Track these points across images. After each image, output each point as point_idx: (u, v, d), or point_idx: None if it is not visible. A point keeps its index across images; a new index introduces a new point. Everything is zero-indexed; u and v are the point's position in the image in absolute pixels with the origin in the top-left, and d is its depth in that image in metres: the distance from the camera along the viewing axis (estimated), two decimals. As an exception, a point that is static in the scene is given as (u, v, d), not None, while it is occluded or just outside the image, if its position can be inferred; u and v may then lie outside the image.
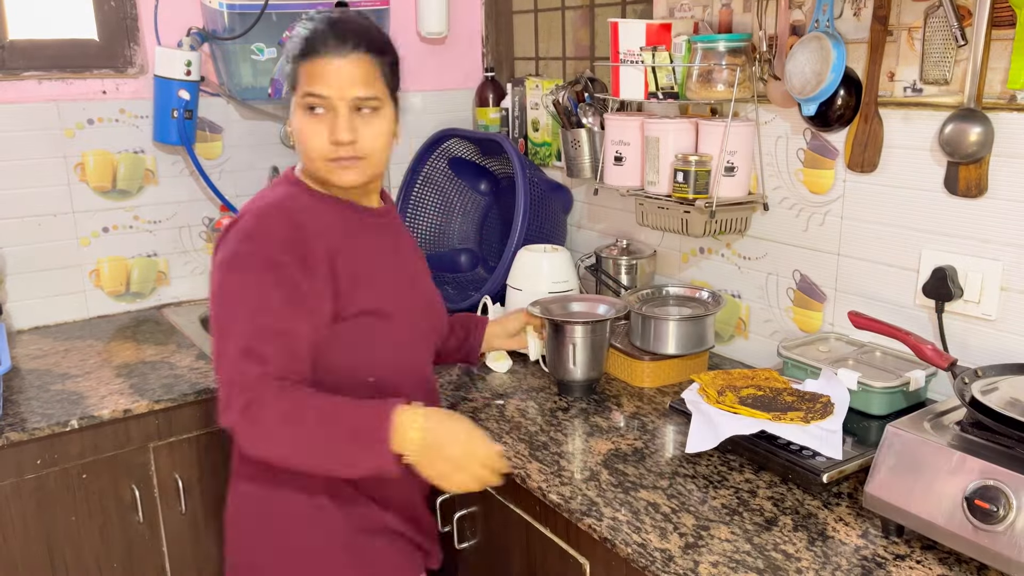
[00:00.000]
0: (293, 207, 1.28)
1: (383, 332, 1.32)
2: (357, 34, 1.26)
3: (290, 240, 1.23)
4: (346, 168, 1.28)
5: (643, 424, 1.64)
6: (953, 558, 1.19)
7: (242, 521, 1.39)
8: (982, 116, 1.40)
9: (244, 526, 1.39)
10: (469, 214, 2.64)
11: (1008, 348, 1.45)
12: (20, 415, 1.71)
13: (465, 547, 1.71)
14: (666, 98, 1.81)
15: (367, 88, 1.26)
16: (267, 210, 1.27)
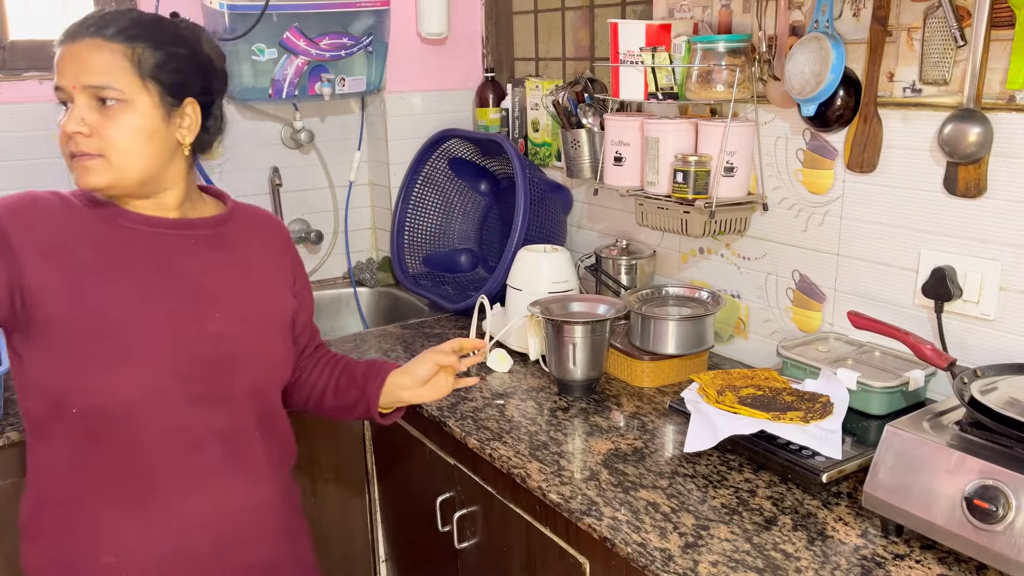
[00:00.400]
0: (49, 198, 1.17)
1: (84, 350, 1.13)
2: (104, 20, 1.14)
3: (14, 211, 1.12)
4: (86, 167, 1.12)
5: (643, 424, 1.64)
6: (952, 558, 1.19)
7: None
8: (981, 116, 1.40)
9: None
10: (469, 214, 2.65)
11: (1007, 348, 1.45)
12: (20, 415, 1.71)
13: (465, 547, 1.71)
14: (666, 99, 1.82)
15: (103, 76, 1.11)
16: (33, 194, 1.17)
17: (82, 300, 1.12)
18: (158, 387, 1.16)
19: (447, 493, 1.73)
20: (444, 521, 1.72)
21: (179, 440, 1.18)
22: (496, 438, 1.58)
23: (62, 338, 1.12)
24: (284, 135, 2.53)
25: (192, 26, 1.24)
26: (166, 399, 1.16)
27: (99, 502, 1.18)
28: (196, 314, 1.20)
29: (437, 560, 1.82)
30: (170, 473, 1.19)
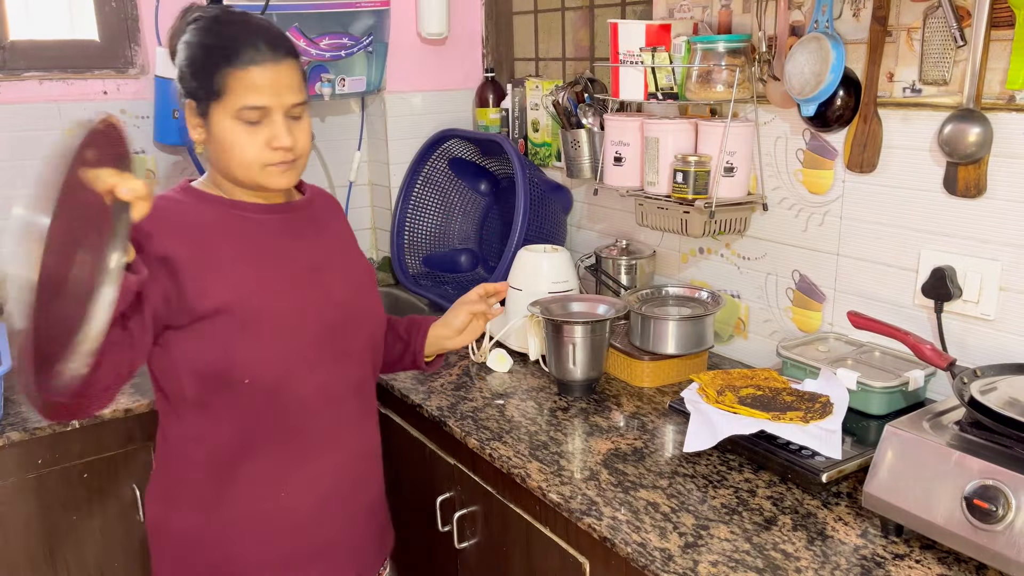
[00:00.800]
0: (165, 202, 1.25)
1: (241, 330, 1.23)
2: (282, 39, 1.24)
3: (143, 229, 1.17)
4: (283, 172, 1.25)
5: (643, 424, 1.64)
6: (952, 557, 1.19)
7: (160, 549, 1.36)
8: (981, 116, 1.40)
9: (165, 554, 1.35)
10: (469, 214, 2.65)
11: (1007, 348, 1.45)
12: (21, 415, 1.72)
13: (465, 547, 1.71)
14: (665, 99, 1.82)
15: (299, 94, 1.24)
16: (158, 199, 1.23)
17: (234, 289, 1.23)
18: (307, 353, 1.29)
19: (447, 493, 1.73)
20: (444, 521, 1.72)
21: (326, 395, 1.32)
22: (496, 438, 1.58)
23: (223, 324, 1.22)
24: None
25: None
26: (313, 362, 1.29)
27: (266, 458, 1.29)
28: (321, 286, 1.32)
29: (437, 560, 1.82)
30: (321, 425, 1.32)
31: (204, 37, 1.25)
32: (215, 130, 1.24)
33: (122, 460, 1.80)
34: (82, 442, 1.74)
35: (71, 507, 1.76)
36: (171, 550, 1.33)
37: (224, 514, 1.29)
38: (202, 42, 1.24)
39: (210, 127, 1.24)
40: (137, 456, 1.81)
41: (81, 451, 1.75)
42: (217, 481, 1.28)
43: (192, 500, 1.30)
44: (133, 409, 1.76)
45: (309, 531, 1.33)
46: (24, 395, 1.01)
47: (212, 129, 1.24)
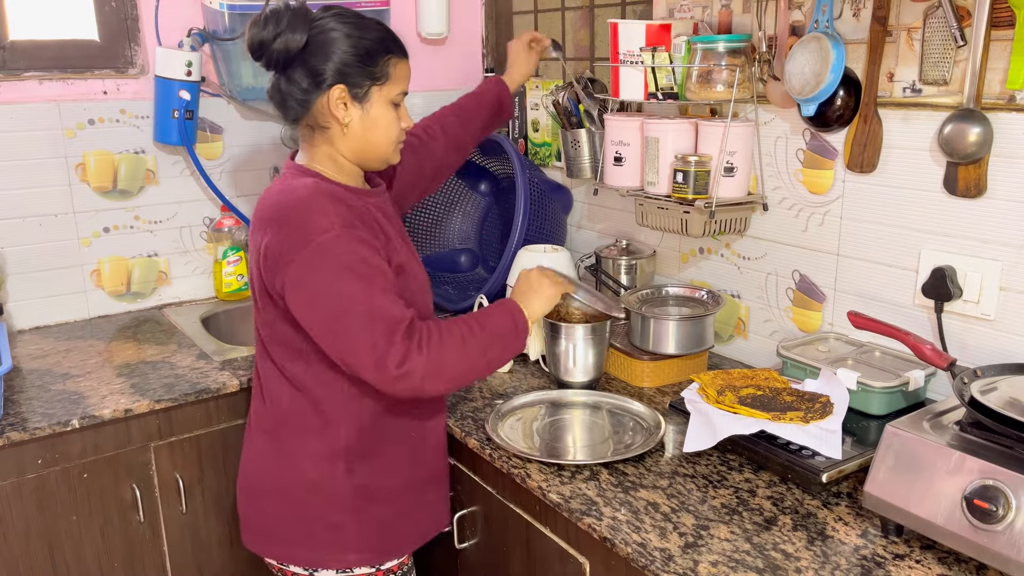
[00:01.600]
0: (331, 191, 1.38)
1: (406, 291, 1.42)
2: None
3: (351, 215, 1.35)
4: (400, 148, 1.49)
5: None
6: (952, 558, 1.19)
7: (257, 489, 1.52)
8: (981, 116, 1.40)
9: (259, 493, 1.51)
10: (469, 214, 2.65)
11: (1007, 348, 1.45)
12: (21, 415, 1.72)
13: (465, 547, 1.71)
14: (666, 99, 1.82)
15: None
16: (315, 197, 1.35)
17: (402, 265, 1.43)
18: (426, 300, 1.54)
19: (447, 493, 1.73)
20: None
21: None
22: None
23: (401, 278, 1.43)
24: (284, 135, 2.53)
25: None
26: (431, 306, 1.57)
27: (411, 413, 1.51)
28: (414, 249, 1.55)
29: (437, 560, 1.82)
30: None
31: (367, 30, 1.39)
32: (373, 111, 1.41)
33: (122, 460, 1.79)
34: (82, 442, 1.74)
35: (71, 507, 1.76)
36: (346, 499, 1.46)
37: (411, 453, 1.53)
38: (369, 33, 1.39)
39: (367, 109, 1.40)
40: (137, 456, 1.81)
41: (81, 451, 1.75)
42: (381, 425, 1.48)
43: (362, 449, 1.46)
44: (133, 409, 1.76)
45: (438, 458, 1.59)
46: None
47: (370, 110, 1.41)
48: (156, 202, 2.37)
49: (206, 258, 2.47)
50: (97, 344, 2.13)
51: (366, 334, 1.27)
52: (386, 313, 1.29)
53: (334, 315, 1.29)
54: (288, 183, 1.40)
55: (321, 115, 1.40)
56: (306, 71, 1.38)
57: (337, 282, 1.29)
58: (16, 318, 2.22)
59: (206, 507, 1.92)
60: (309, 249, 1.29)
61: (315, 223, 1.31)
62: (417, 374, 1.28)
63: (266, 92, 1.46)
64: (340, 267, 1.29)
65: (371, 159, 1.45)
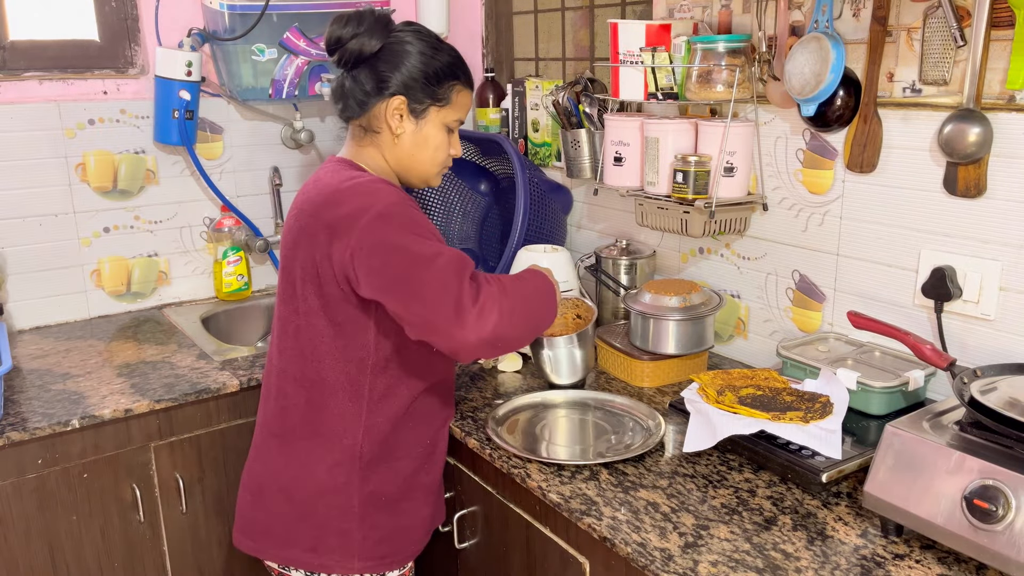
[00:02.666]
0: (386, 180, 1.43)
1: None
2: None
3: (404, 195, 1.40)
4: (443, 174, 1.54)
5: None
6: (952, 558, 1.19)
7: (266, 490, 1.50)
8: (981, 116, 1.40)
9: (267, 495, 1.50)
10: (469, 214, 2.64)
11: (1007, 348, 1.45)
12: (21, 415, 1.72)
13: (465, 547, 1.71)
14: (666, 99, 1.82)
15: None
16: (372, 180, 1.40)
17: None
18: None
19: (447, 493, 1.73)
20: (444, 521, 1.72)
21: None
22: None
23: None
24: (284, 135, 2.53)
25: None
26: None
27: (423, 420, 1.54)
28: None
29: (437, 560, 1.82)
30: (448, 383, 1.60)
31: (440, 52, 1.44)
32: (426, 129, 1.45)
33: (122, 460, 1.80)
34: (82, 442, 1.74)
35: (71, 507, 1.76)
36: (355, 507, 1.47)
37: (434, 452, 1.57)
38: (441, 56, 1.44)
39: (421, 125, 1.45)
40: (137, 456, 1.81)
41: (81, 451, 1.75)
42: (430, 430, 1.55)
43: (378, 457, 1.47)
44: (133, 409, 1.76)
45: (441, 465, 1.61)
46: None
47: (424, 128, 1.45)
48: (156, 202, 2.37)
49: (206, 258, 2.47)
50: (97, 344, 2.13)
51: (438, 278, 1.29)
52: (452, 257, 1.32)
53: (405, 268, 1.31)
54: (341, 173, 1.42)
55: (376, 120, 1.44)
56: (373, 75, 1.41)
57: (403, 239, 1.32)
58: (16, 318, 2.22)
59: (206, 507, 1.92)
60: (372, 213, 1.33)
61: (377, 196, 1.35)
62: (493, 311, 1.31)
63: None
64: (404, 227, 1.33)
65: (413, 175, 1.49)
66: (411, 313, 1.32)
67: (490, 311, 1.31)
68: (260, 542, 1.52)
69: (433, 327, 1.31)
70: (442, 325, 1.30)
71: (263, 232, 2.53)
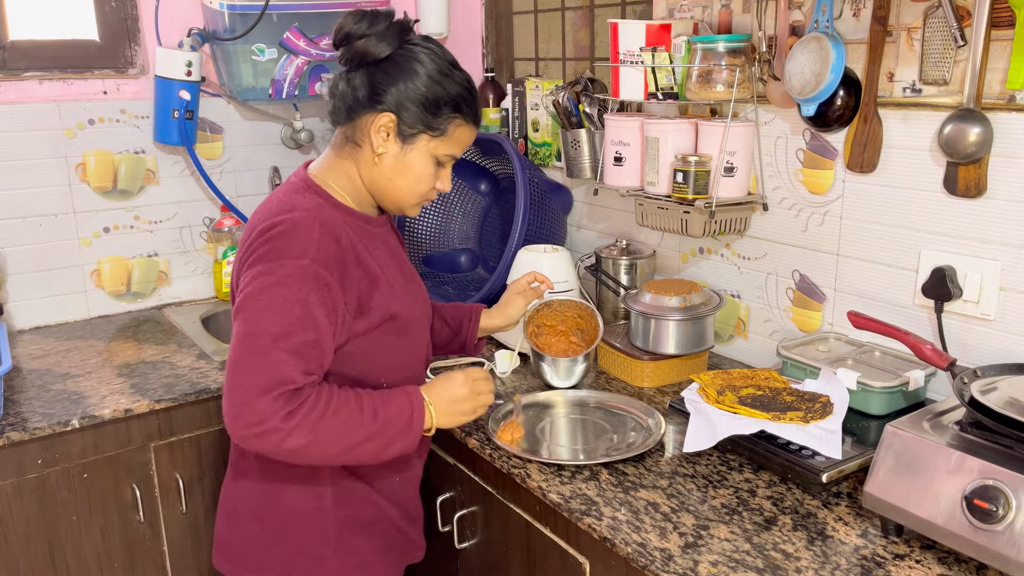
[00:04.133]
0: (330, 220, 1.29)
1: (398, 338, 1.37)
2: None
3: (334, 258, 1.26)
4: (423, 205, 1.45)
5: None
6: (952, 558, 1.19)
7: (239, 513, 1.43)
8: (981, 116, 1.40)
9: (241, 518, 1.43)
10: (469, 214, 2.64)
11: (1007, 348, 1.45)
12: (21, 415, 1.72)
13: (465, 547, 1.71)
14: (666, 99, 1.82)
15: None
16: (309, 222, 1.26)
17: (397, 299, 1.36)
18: (426, 353, 1.50)
19: (447, 493, 1.73)
20: (444, 521, 1.72)
21: (415, 381, 1.45)
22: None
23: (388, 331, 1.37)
24: (284, 135, 2.53)
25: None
26: (426, 361, 1.51)
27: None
28: (420, 290, 1.48)
29: (437, 560, 1.82)
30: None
31: (448, 80, 1.31)
32: (411, 156, 1.32)
33: (122, 460, 1.80)
34: (82, 442, 1.74)
35: (71, 507, 1.76)
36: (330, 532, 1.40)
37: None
38: (448, 85, 1.31)
39: (407, 151, 1.32)
40: (137, 456, 1.81)
41: (81, 451, 1.75)
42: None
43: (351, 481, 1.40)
44: (133, 409, 1.76)
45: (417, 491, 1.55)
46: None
47: (409, 154, 1.32)
48: (156, 202, 2.37)
49: (206, 258, 2.47)
50: (97, 344, 2.13)
51: (251, 376, 1.18)
52: (280, 369, 1.18)
53: (239, 338, 1.21)
54: (291, 198, 1.31)
55: (361, 131, 1.32)
56: (369, 82, 1.29)
57: (263, 311, 1.20)
58: (16, 318, 2.22)
59: (206, 507, 1.92)
60: (269, 266, 1.22)
61: (292, 246, 1.23)
62: (273, 439, 1.18)
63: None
64: (279, 298, 1.20)
65: (387, 200, 1.37)
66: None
67: (272, 441, 1.18)
68: (236, 565, 1.45)
69: (224, 400, 1.21)
70: (223, 414, 1.20)
71: (263, 232, 2.52)
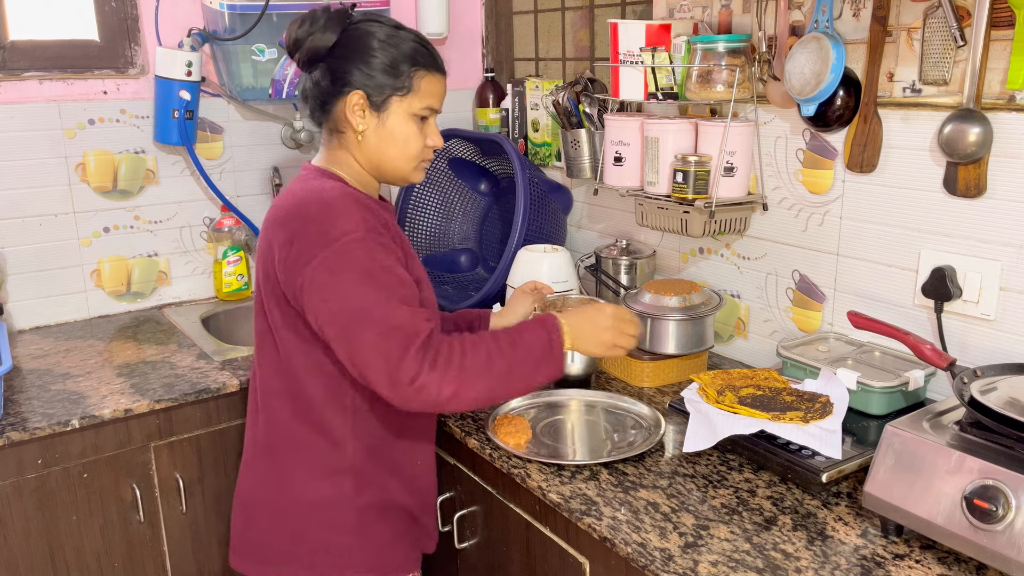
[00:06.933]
0: (357, 196, 1.34)
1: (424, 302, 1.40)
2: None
3: (378, 225, 1.31)
4: (423, 169, 1.43)
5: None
6: (952, 558, 1.19)
7: (257, 508, 1.46)
8: (981, 116, 1.40)
9: (258, 513, 1.46)
10: (469, 214, 2.64)
11: (1007, 348, 1.45)
12: (21, 415, 1.72)
13: (465, 547, 1.71)
14: (666, 99, 1.82)
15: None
16: (342, 199, 1.31)
17: (419, 280, 1.38)
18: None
19: (447, 493, 1.73)
20: (444, 521, 1.72)
21: None
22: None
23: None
24: (284, 135, 2.53)
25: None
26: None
27: (410, 429, 1.46)
28: (424, 272, 1.48)
29: (437, 560, 1.82)
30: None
31: (399, 40, 1.35)
32: (391, 121, 1.36)
33: (122, 460, 1.80)
34: (82, 442, 1.74)
35: (71, 507, 1.76)
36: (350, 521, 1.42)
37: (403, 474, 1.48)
38: (399, 43, 1.35)
39: (384, 119, 1.36)
40: (137, 456, 1.81)
41: (81, 451, 1.75)
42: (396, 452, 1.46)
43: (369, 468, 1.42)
44: (133, 409, 1.76)
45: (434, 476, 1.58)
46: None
47: (387, 121, 1.36)
48: (156, 202, 2.37)
49: (206, 258, 2.47)
50: (97, 344, 2.13)
51: (381, 344, 1.21)
52: (403, 323, 1.22)
53: (350, 320, 1.23)
54: (310, 184, 1.35)
55: (340, 120, 1.36)
56: (329, 72, 1.34)
57: (356, 287, 1.23)
58: (16, 318, 2.22)
59: (206, 507, 1.92)
60: (331, 250, 1.25)
61: (339, 224, 1.26)
62: (431, 390, 1.21)
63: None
64: (361, 271, 1.24)
65: (388, 173, 1.41)
66: (346, 360, 1.25)
67: (426, 390, 1.21)
68: (256, 561, 1.46)
69: (366, 381, 1.24)
70: (375, 384, 1.23)
71: (263, 232, 2.52)
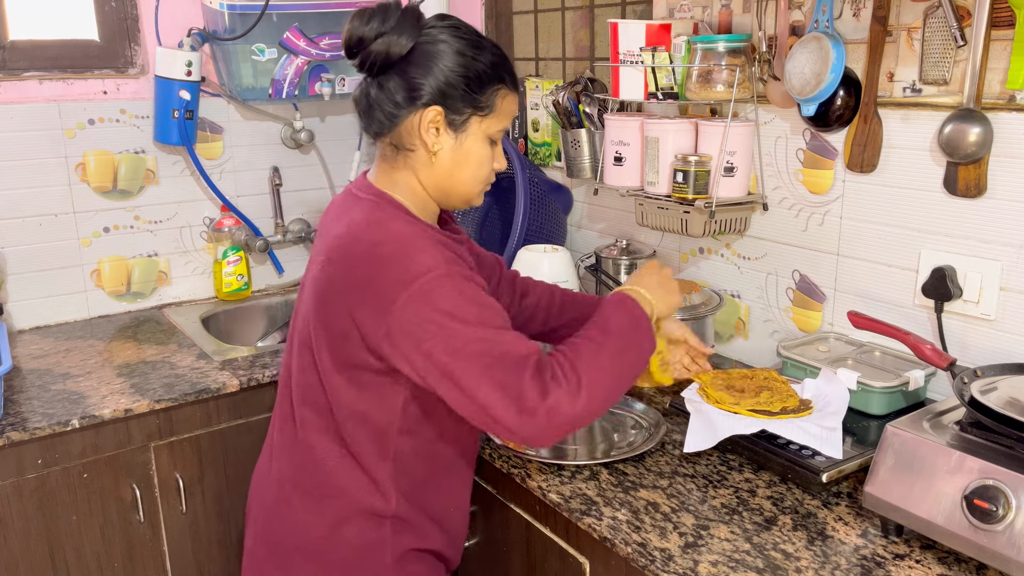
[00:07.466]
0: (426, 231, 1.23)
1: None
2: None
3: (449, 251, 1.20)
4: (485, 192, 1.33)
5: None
6: (952, 557, 1.19)
7: (291, 552, 1.35)
8: (981, 116, 1.40)
9: (293, 559, 1.35)
10: (469, 214, 2.64)
11: (1007, 348, 1.45)
12: (21, 415, 1.72)
13: (465, 547, 1.71)
14: (666, 98, 1.82)
15: None
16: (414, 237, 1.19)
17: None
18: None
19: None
20: (444, 521, 1.72)
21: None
22: (496, 438, 1.58)
23: None
24: (284, 135, 2.53)
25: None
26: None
27: (449, 476, 1.39)
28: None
29: (437, 560, 1.82)
30: (474, 441, 1.42)
31: (482, 51, 1.23)
32: (468, 143, 1.25)
33: (122, 460, 1.80)
34: (82, 442, 1.74)
35: (71, 507, 1.76)
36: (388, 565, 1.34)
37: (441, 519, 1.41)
38: (483, 56, 1.23)
39: (462, 139, 1.25)
40: (137, 456, 1.81)
41: (81, 451, 1.75)
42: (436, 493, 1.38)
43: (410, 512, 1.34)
44: (133, 409, 1.76)
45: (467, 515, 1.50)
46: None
47: (465, 142, 1.25)
48: (156, 202, 2.37)
49: (206, 258, 2.47)
50: (97, 344, 2.13)
51: (492, 376, 1.12)
52: (509, 349, 1.13)
53: (449, 360, 1.13)
54: (376, 216, 1.22)
55: (408, 135, 1.24)
56: (403, 82, 1.21)
57: (449, 324, 1.13)
58: (16, 318, 2.22)
59: (206, 507, 1.92)
60: (412, 289, 1.14)
61: (417, 261, 1.15)
62: (564, 407, 1.12)
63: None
64: (450, 307, 1.13)
65: (454, 197, 1.29)
66: (464, 409, 1.15)
67: (559, 408, 1.11)
68: None
69: (492, 425, 1.14)
70: (504, 424, 1.12)
71: (263, 232, 2.52)
